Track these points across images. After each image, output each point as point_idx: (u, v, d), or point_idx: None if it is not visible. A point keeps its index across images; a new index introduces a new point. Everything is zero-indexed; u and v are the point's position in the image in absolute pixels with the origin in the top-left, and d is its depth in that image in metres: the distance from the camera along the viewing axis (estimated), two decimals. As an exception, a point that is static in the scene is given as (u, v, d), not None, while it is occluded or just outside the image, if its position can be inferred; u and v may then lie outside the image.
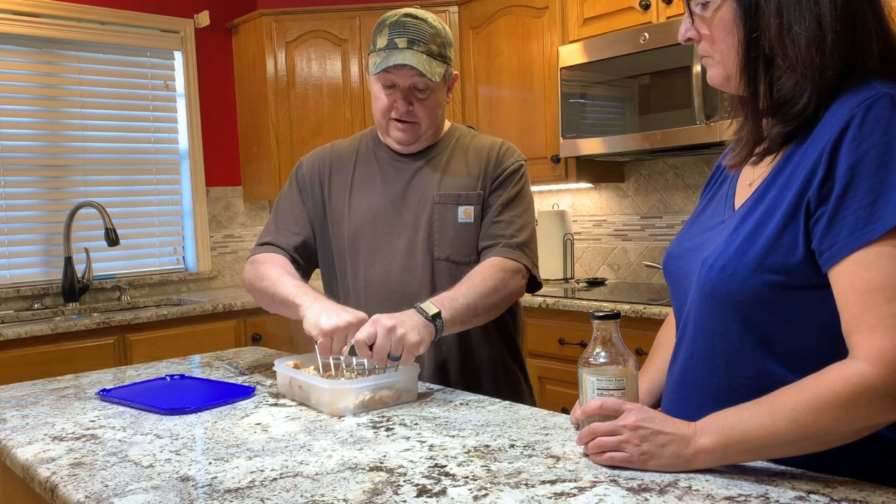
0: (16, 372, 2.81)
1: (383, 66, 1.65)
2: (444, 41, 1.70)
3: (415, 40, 1.65)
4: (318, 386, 1.42)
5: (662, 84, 2.91)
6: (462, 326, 1.57)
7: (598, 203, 3.70)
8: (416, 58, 1.64)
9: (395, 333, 1.41)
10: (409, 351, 1.43)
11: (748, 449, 0.97)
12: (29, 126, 3.67)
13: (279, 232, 1.82)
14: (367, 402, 1.41)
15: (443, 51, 1.69)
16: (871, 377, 0.90)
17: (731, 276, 1.02)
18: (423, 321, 1.47)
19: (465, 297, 1.55)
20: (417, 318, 1.47)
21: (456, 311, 1.52)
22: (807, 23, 0.99)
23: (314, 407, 1.45)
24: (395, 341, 1.41)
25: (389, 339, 1.41)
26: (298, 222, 1.82)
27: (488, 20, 3.66)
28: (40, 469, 1.16)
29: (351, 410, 1.39)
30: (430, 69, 1.65)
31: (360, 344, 1.41)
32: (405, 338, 1.42)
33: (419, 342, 1.44)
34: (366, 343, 1.41)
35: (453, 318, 1.52)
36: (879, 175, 0.93)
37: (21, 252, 3.66)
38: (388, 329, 1.41)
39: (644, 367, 1.31)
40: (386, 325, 1.42)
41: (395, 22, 1.67)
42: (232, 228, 4.33)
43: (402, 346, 1.42)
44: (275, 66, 3.96)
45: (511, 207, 1.73)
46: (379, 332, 1.41)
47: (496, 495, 0.97)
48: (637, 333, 2.59)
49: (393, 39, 1.66)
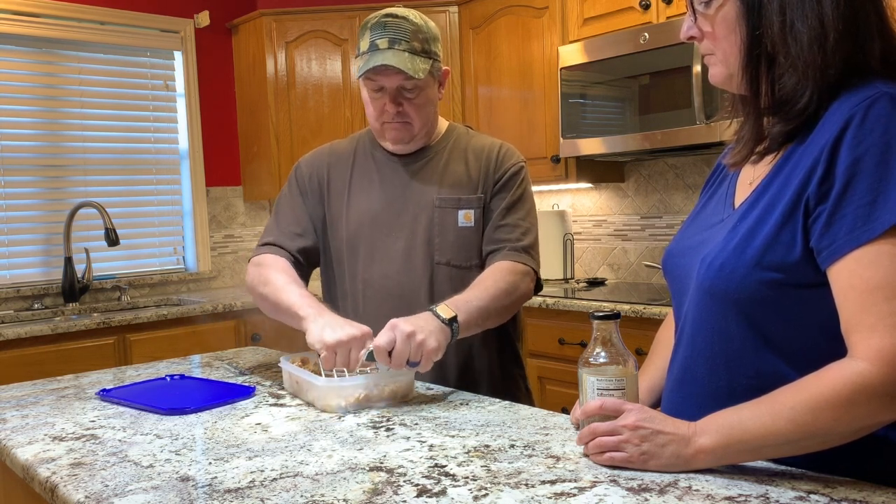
0: (16, 372, 2.81)
1: (365, 69, 1.63)
2: (427, 37, 1.67)
3: (396, 39, 1.63)
4: (313, 382, 1.42)
5: (662, 84, 2.90)
6: (475, 330, 1.56)
7: (598, 203, 3.70)
8: (397, 57, 1.62)
9: (415, 339, 1.40)
10: (428, 357, 1.41)
11: (748, 449, 0.97)
12: (29, 126, 3.67)
13: (281, 232, 1.80)
14: (362, 400, 1.41)
15: (427, 46, 1.66)
16: (870, 376, 0.90)
17: (730, 274, 1.02)
18: (441, 325, 1.45)
19: (478, 301, 1.54)
20: (435, 323, 1.45)
21: (470, 314, 1.51)
22: (809, 21, 0.99)
23: (312, 404, 1.45)
24: (415, 347, 1.40)
25: (409, 345, 1.39)
26: (301, 223, 1.80)
27: (488, 20, 3.66)
28: (40, 469, 1.16)
29: (344, 408, 1.39)
30: (413, 67, 1.62)
31: (379, 350, 1.40)
32: (424, 343, 1.40)
33: (438, 348, 1.42)
34: (385, 349, 1.39)
35: (468, 322, 1.51)
36: (879, 173, 0.93)
37: (21, 252, 3.66)
38: (407, 335, 1.39)
39: (644, 366, 1.31)
40: (405, 330, 1.40)
41: (375, 23, 1.65)
42: (232, 228, 4.33)
43: (422, 351, 1.40)
44: (275, 66, 3.96)
45: (515, 211, 1.72)
46: (398, 337, 1.39)
47: (496, 495, 0.97)
48: (637, 333, 2.59)
49: (374, 41, 1.64)
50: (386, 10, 1.68)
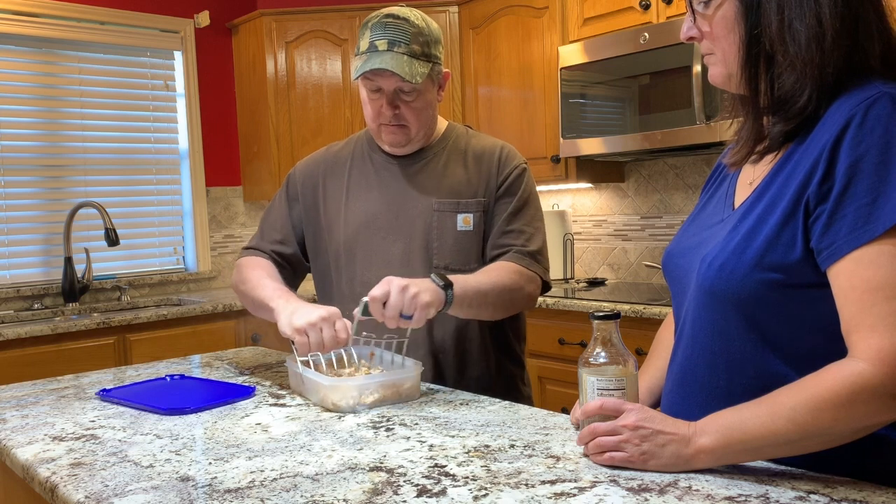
0: (16, 372, 2.81)
1: (362, 70, 1.62)
2: (428, 39, 1.64)
3: (396, 41, 1.61)
4: (320, 382, 1.42)
5: (662, 84, 2.90)
6: (469, 310, 1.57)
7: (598, 203, 3.70)
8: (395, 60, 1.60)
9: (409, 291, 1.41)
10: (422, 309, 1.42)
11: (748, 448, 0.97)
12: (29, 126, 3.67)
13: (264, 238, 1.85)
14: (370, 400, 1.41)
15: (427, 49, 1.64)
16: (870, 376, 0.90)
17: (730, 274, 1.02)
18: (435, 287, 1.47)
19: (476, 283, 1.55)
20: (429, 283, 1.47)
21: (466, 291, 1.52)
22: (807, 20, 0.99)
23: (318, 403, 1.45)
24: (409, 299, 1.41)
25: (403, 297, 1.41)
26: (283, 231, 1.84)
27: (488, 20, 3.66)
28: (40, 469, 1.16)
29: (353, 408, 1.40)
30: (411, 71, 1.60)
31: (374, 300, 1.41)
32: (418, 297, 1.42)
33: (431, 302, 1.44)
34: (380, 300, 1.41)
35: (463, 297, 1.51)
36: (879, 174, 0.93)
37: (21, 252, 3.66)
38: (401, 287, 1.41)
39: (644, 366, 1.31)
40: (399, 283, 1.42)
41: (376, 23, 1.64)
42: (232, 228, 4.33)
43: (416, 304, 1.41)
44: (275, 66, 3.96)
45: (520, 216, 1.72)
46: (392, 290, 1.41)
47: (496, 495, 0.97)
48: (637, 333, 2.59)
49: (374, 42, 1.62)
50: (388, 10, 1.65)
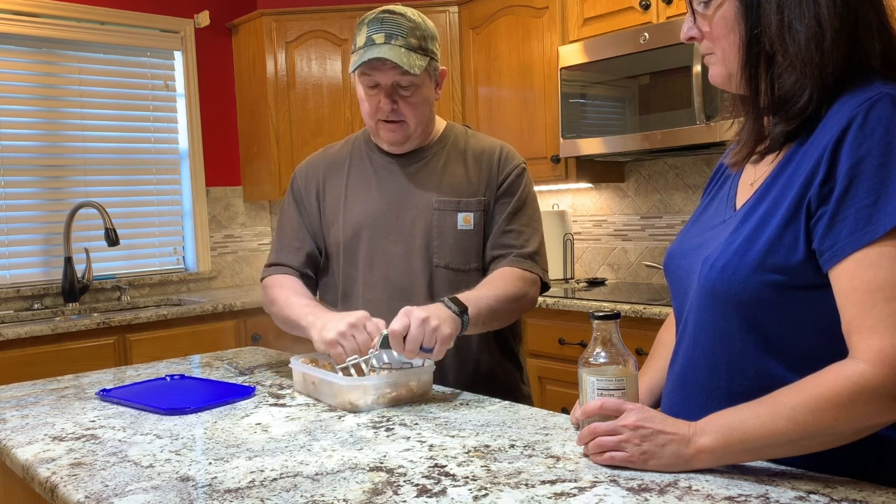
0: (16, 372, 2.81)
1: (360, 61, 1.62)
2: (424, 34, 1.65)
3: (392, 34, 1.61)
4: (332, 382, 1.42)
5: (662, 84, 2.90)
6: (481, 328, 1.57)
7: (598, 203, 3.70)
8: (392, 51, 1.60)
9: (429, 325, 1.40)
10: (442, 342, 1.42)
11: (748, 449, 0.97)
12: (29, 126, 3.67)
13: (283, 249, 1.83)
14: (380, 399, 1.41)
15: (423, 44, 1.65)
16: (870, 377, 0.90)
17: (732, 276, 1.02)
18: (452, 315, 1.47)
19: (487, 300, 1.55)
20: (447, 312, 1.46)
21: (480, 311, 1.52)
22: (807, 20, 0.99)
23: (329, 403, 1.45)
24: (429, 332, 1.40)
25: (423, 330, 1.40)
26: (298, 235, 1.82)
27: (488, 20, 3.65)
28: (40, 469, 1.16)
29: (368, 406, 1.40)
30: (409, 62, 1.61)
31: (394, 335, 1.40)
32: (439, 329, 1.41)
33: (451, 335, 1.44)
34: (400, 334, 1.40)
35: (477, 318, 1.52)
36: (880, 175, 0.93)
37: (21, 252, 3.66)
38: (421, 320, 1.40)
39: (644, 366, 1.31)
40: (419, 316, 1.40)
41: (373, 19, 1.65)
42: (232, 228, 4.33)
43: (436, 338, 1.41)
44: (275, 66, 3.96)
45: (520, 216, 1.72)
46: (413, 322, 1.40)
47: (496, 495, 0.97)
48: (637, 333, 2.59)
49: (370, 36, 1.63)
50: (383, 7, 1.67)
